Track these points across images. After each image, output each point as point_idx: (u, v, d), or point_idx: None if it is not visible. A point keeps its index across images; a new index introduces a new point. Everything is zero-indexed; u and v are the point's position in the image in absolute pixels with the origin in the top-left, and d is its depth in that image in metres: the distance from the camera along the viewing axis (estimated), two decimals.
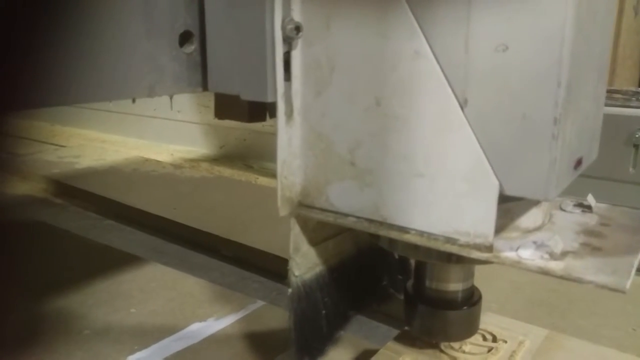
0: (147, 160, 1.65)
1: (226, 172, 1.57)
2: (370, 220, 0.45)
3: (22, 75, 0.39)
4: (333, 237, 0.53)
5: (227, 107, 0.54)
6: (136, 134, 1.96)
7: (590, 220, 0.47)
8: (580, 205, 0.49)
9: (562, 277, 0.37)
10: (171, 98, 1.62)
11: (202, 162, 1.68)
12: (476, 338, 0.56)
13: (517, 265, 0.39)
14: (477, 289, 0.53)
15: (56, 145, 1.83)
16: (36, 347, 0.65)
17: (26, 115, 0.40)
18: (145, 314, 0.73)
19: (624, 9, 1.73)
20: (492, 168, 0.39)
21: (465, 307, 0.51)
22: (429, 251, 0.44)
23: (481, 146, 0.39)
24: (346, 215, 0.47)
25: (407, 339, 0.56)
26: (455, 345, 0.54)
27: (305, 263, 0.51)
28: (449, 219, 0.41)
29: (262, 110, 0.54)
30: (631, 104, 1.12)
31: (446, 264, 0.49)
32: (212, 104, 1.63)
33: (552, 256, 0.39)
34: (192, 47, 0.48)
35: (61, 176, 1.42)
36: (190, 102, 1.81)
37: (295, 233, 0.50)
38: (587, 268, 0.38)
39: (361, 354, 0.62)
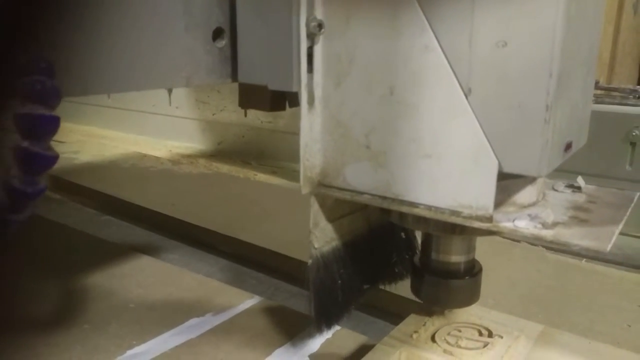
0: (145, 156, 1.71)
1: (224, 168, 1.64)
2: (383, 197, 0.53)
3: (77, 66, 0.47)
4: (347, 215, 0.61)
5: (251, 97, 0.62)
6: (135, 130, 2.03)
7: (579, 198, 0.55)
8: (570, 186, 0.58)
9: (551, 242, 0.46)
10: (170, 94, 1.70)
11: (200, 159, 1.74)
12: (472, 333, 0.60)
13: (513, 233, 0.47)
14: (477, 262, 0.61)
15: (55, 140, 1.89)
16: (35, 341, 0.67)
17: None
18: (144, 308, 0.77)
19: (624, 7, 1.82)
20: (492, 148, 0.46)
21: (467, 277, 0.59)
22: (436, 223, 0.53)
23: (483, 130, 0.47)
24: (361, 193, 0.54)
25: (404, 334, 0.60)
26: (451, 340, 0.59)
27: (323, 237, 0.59)
28: (454, 194, 0.49)
29: (282, 100, 0.62)
30: (628, 102, 1.20)
31: (450, 237, 0.58)
32: (210, 100, 1.72)
33: (544, 226, 0.47)
34: (223, 42, 0.56)
35: (60, 171, 1.46)
36: (188, 98, 1.88)
37: (315, 210, 0.58)
38: (574, 235, 0.46)
39: (358, 348, 0.67)
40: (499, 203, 0.50)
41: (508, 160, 0.46)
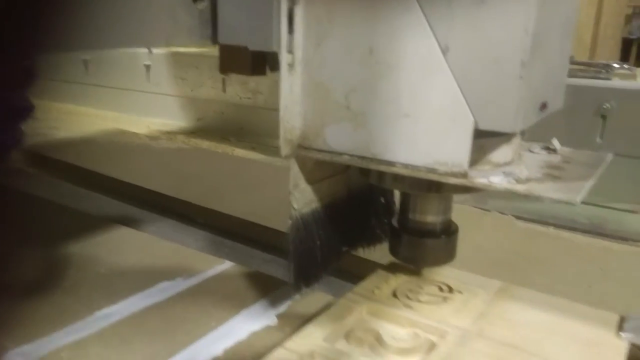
0: (123, 131, 1.70)
1: (203, 144, 1.63)
2: (362, 157, 0.54)
3: (52, 21, 0.46)
4: (327, 179, 0.62)
5: (231, 61, 0.61)
6: (113, 107, 2.01)
7: (554, 159, 0.56)
8: (546, 148, 0.59)
9: (524, 194, 0.47)
10: (148, 70, 1.69)
11: (179, 135, 1.73)
12: (432, 289, 0.63)
13: (487, 187, 0.48)
14: (453, 222, 0.62)
15: (32, 117, 1.87)
16: (6, 306, 0.67)
17: None
18: (115, 274, 0.77)
19: None
20: (469, 106, 0.47)
21: (443, 236, 0.60)
22: (412, 182, 0.54)
23: (459, 87, 0.47)
24: (341, 153, 0.55)
25: (366, 290, 0.62)
26: (412, 295, 0.61)
27: (302, 199, 0.59)
28: (430, 152, 0.50)
29: (263, 65, 0.62)
30: (600, 76, 1.22)
31: (427, 197, 0.59)
32: (188, 76, 1.71)
33: (518, 181, 0.48)
34: (203, 4, 0.55)
35: (35, 146, 1.45)
36: (167, 74, 1.87)
37: (295, 172, 0.58)
38: (546, 189, 0.47)
39: (324, 307, 0.67)
40: (474, 162, 0.51)
41: (484, 117, 0.47)
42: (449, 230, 0.61)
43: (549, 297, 0.63)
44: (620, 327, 0.57)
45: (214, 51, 0.64)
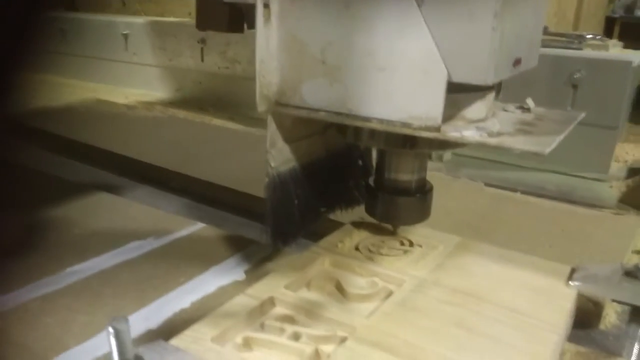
0: (100, 101, 1.69)
1: (181, 114, 1.61)
2: (339, 113, 0.53)
3: None
4: (305, 138, 0.61)
5: (208, 17, 0.60)
6: (91, 77, 1.98)
7: (528, 117, 0.57)
8: (520, 107, 0.59)
9: (495, 147, 0.47)
10: (126, 39, 1.66)
11: (156, 105, 1.71)
12: (394, 243, 0.64)
13: (460, 140, 0.48)
14: (428, 181, 0.62)
15: (9, 87, 1.83)
16: None
17: None
18: (87, 234, 0.77)
19: None
20: (442, 58, 0.47)
21: (418, 195, 0.61)
22: (388, 138, 0.53)
23: (434, 40, 0.47)
24: (318, 110, 0.54)
25: (330, 244, 0.63)
26: (374, 249, 0.62)
27: (280, 157, 0.58)
28: (405, 106, 0.50)
29: (240, 21, 0.61)
30: (572, 46, 1.22)
31: (402, 155, 0.59)
32: (167, 46, 1.67)
33: (490, 135, 0.49)
34: None
35: (14, 115, 1.42)
36: (145, 44, 1.83)
37: (272, 130, 0.57)
38: (517, 141, 0.48)
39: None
40: (449, 117, 0.51)
41: (457, 69, 0.47)
42: (424, 189, 0.61)
43: (505, 250, 0.64)
44: (570, 277, 0.58)
45: (192, 20, 0.63)
